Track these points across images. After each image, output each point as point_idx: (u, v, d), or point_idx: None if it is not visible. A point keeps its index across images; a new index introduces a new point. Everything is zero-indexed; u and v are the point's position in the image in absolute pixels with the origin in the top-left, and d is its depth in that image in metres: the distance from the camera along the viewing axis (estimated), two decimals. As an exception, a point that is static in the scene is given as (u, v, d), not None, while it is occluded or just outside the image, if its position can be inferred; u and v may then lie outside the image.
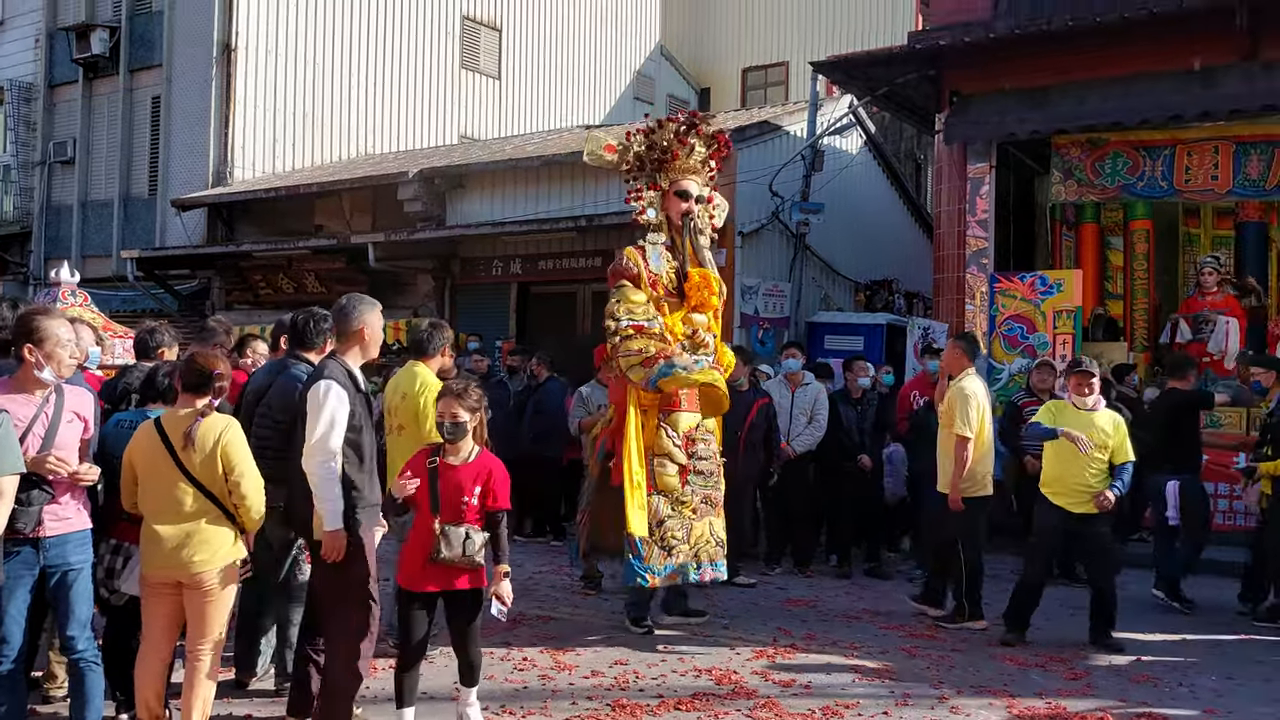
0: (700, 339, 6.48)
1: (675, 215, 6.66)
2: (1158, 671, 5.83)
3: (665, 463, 6.28)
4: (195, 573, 4.00)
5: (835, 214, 12.66)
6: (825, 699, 5.18)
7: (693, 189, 6.66)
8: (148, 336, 5.18)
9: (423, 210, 13.74)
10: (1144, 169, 10.52)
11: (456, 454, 4.40)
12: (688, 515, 6.27)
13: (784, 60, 22.54)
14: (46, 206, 18.33)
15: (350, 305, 4.43)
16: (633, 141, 6.66)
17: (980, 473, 6.81)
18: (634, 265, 6.47)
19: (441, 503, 4.29)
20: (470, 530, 4.28)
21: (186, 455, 3.98)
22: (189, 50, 16.42)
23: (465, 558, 4.26)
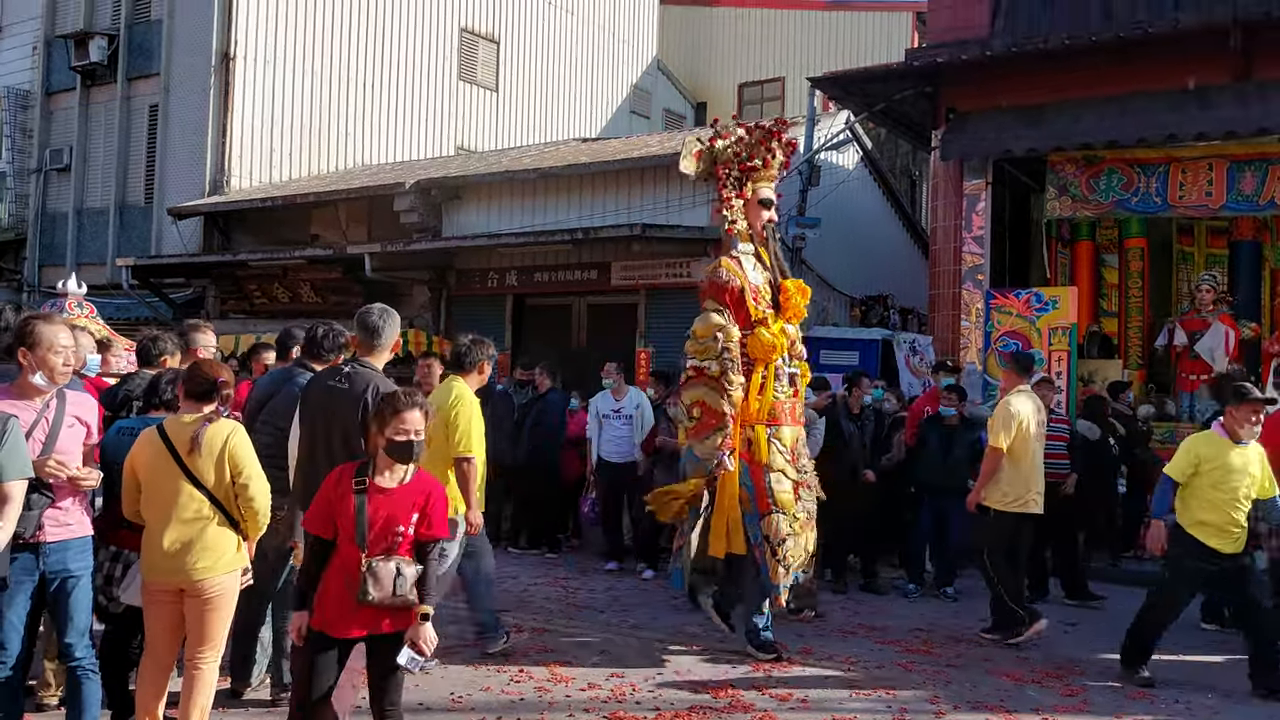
0: (798, 351, 6.36)
1: (758, 224, 6.45)
2: (1154, 688, 5.83)
3: (781, 478, 6.09)
4: (197, 579, 3.98)
5: (831, 229, 12.70)
6: (822, 713, 5.17)
7: (773, 196, 6.53)
8: (150, 344, 5.17)
9: (419, 221, 13.75)
10: (1138, 185, 10.59)
11: (391, 474, 3.71)
12: (797, 530, 6.12)
13: (780, 75, 22.64)
14: (42, 214, 18.29)
15: (385, 321, 4.64)
16: (717, 148, 6.43)
17: (1021, 489, 6.78)
18: (736, 278, 6.20)
19: (371, 534, 3.63)
20: (401, 564, 3.64)
21: (192, 460, 3.97)
22: (187, 59, 16.43)
23: (397, 597, 3.63)
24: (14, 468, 3.59)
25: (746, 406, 6.09)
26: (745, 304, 6.18)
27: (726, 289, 6.19)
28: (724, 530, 6.06)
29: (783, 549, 6.02)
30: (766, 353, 6.14)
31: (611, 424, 9.19)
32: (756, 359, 6.16)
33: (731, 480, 6.05)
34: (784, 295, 6.32)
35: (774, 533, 6.01)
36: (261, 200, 15.15)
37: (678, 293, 12.18)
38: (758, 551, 6.04)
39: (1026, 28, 10.89)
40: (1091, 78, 10.41)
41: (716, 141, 6.43)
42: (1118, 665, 6.21)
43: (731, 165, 6.42)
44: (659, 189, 12.39)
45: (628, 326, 12.46)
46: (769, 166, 6.45)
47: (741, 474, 6.07)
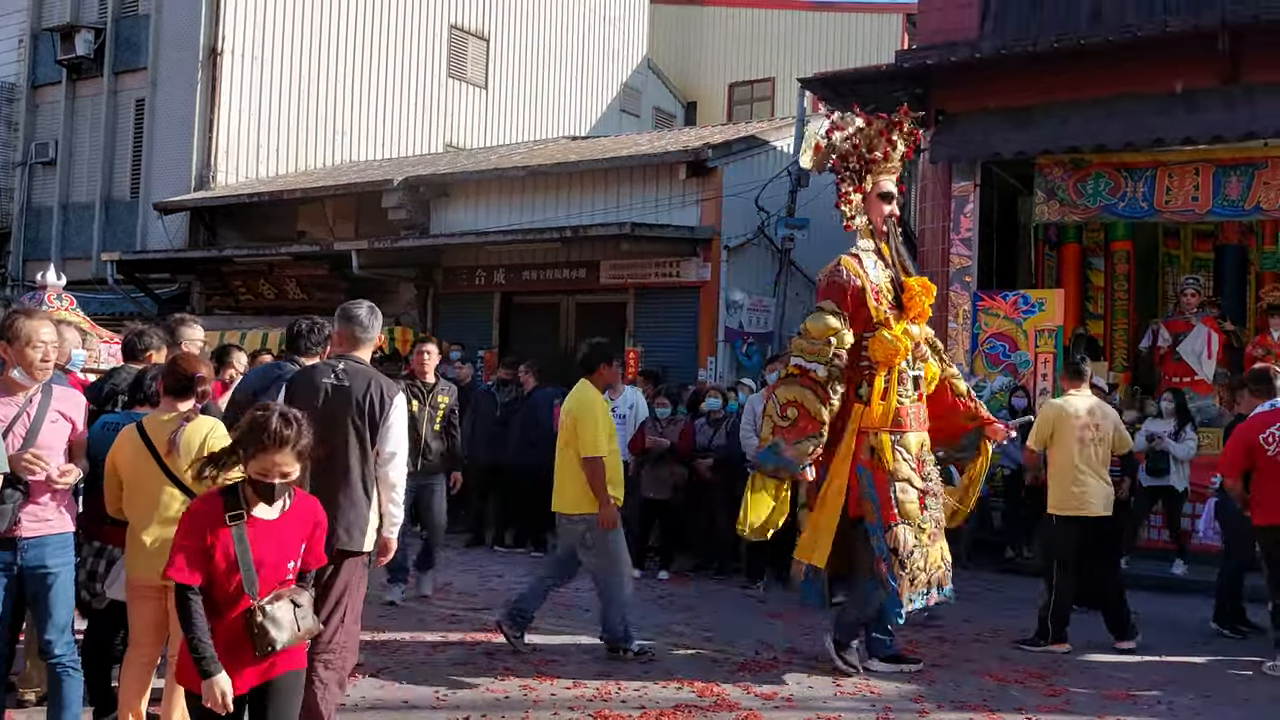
0: (922, 353, 6.06)
1: (879, 219, 6.16)
2: (1136, 689, 5.85)
3: (907, 488, 5.79)
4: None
5: (820, 230, 12.71)
6: (807, 712, 5.18)
7: (894, 189, 6.24)
8: (136, 339, 5.11)
9: (407, 218, 13.72)
10: (1125, 189, 10.62)
11: (270, 504, 3.18)
12: (924, 541, 5.82)
13: (771, 76, 22.66)
14: (27, 207, 18.17)
15: (372, 315, 4.58)
16: (835, 140, 6.16)
17: (1059, 493, 6.75)
18: (856, 277, 5.90)
19: (260, 574, 3.10)
20: (294, 598, 3.16)
21: (171, 459, 3.93)
22: (174, 54, 16.35)
23: (303, 632, 3.19)
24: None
25: (869, 413, 5.81)
26: (866, 304, 5.87)
27: (847, 290, 5.87)
28: (814, 542, 5.85)
29: (910, 562, 5.72)
30: (890, 356, 5.81)
31: None
32: (879, 362, 5.84)
33: (835, 494, 5.79)
34: (907, 294, 6.00)
35: (900, 546, 5.70)
36: (248, 196, 15.09)
37: (666, 292, 12.19)
38: (883, 566, 5.73)
39: (1015, 30, 10.92)
40: (1080, 81, 10.44)
41: (834, 133, 6.15)
42: (1098, 665, 6.24)
43: (850, 158, 6.13)
44: (648, 188, 12.38)
45: (616, 325, 12.45)
46: (889, 159, 6.15)
47: (866, 484, 5.79)
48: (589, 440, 5.83)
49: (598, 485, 5.82)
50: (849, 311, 5.89)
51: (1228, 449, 6.60)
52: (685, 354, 11.91)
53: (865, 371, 5.89)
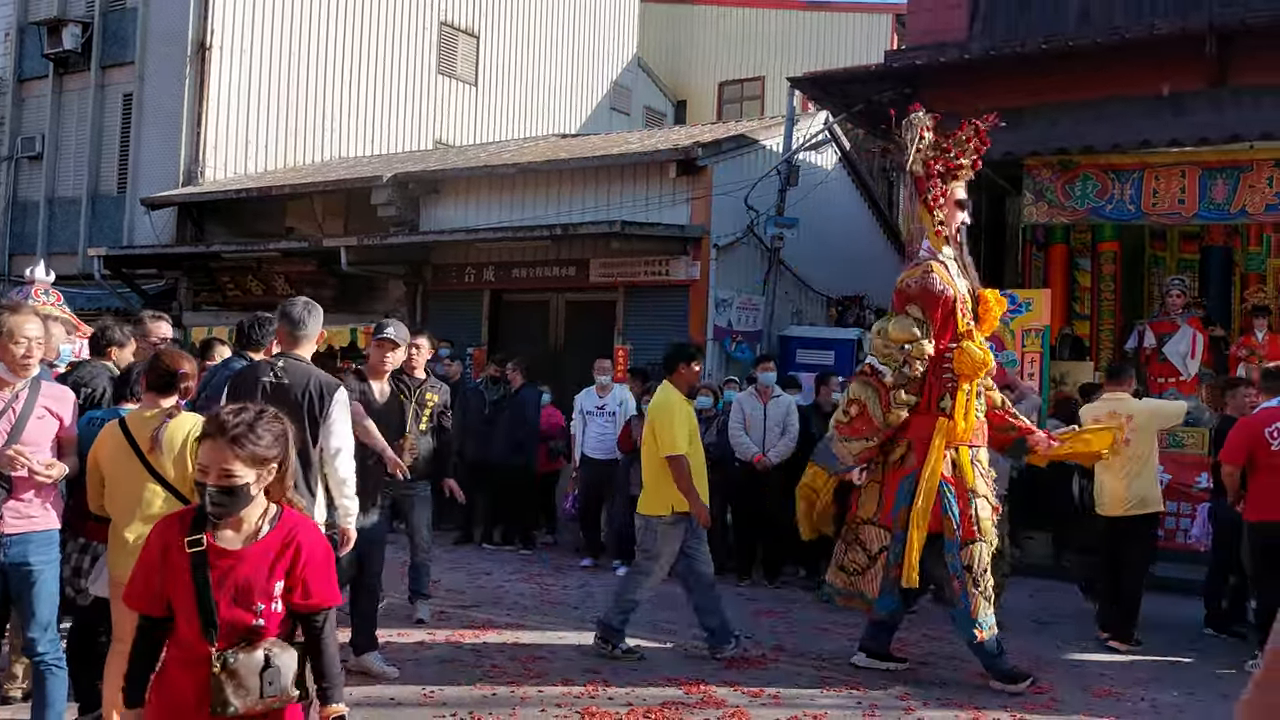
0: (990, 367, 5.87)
1: (954, 227, 5.99)
2: (1121, 686, 5.89)
3: (985, 504, 5.69)
4: None
5: (809, 229, 12.74)
6: (793, 709, 5.20)
7: (966, 196, 6.09)
8: (100, 334, 5.06)
9: (396, 215, 13.68)
10: (1113, 192, 10.68)
11: (237, 529, 2.60)
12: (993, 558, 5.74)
13: (761, 75, 22.69)
14: (13, 202, 18.04)
15: (309, 312, 4.66)
16: (923, 143, 5.97)
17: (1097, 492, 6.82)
18: (948, 286, 5.73)
19: (220, 615, 2.54)
20: (271, 653, 2.55)
21: (154, 456, 3.91)
22: (163, 48, 16.25)
23: (268, 699, 2.55)
24: None
25: (953, 427, 5.65)
26: (955, 316, 5.71)
27: (940, 299, 5.69)
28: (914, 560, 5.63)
29: (984, 580, 5.60)
30: (975, 369, 5.66)
31: (596, 421, 9.21)
32: (963, 375, 5.67)
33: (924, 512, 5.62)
34: (983, 306, 5.87)
35: (975, 563, 5.59)
36: (236, 192, 15.02)
37: (656, 290, 12.19)
38: (956, 583, 5.59)
39: (1004, 31, 10.97)
40: (1068, 82, 10.49)
41: (925, 134, 5.99)
42: (1085, 664, 6.28)
43: (937, 161, 5.95)
44: (638, 186, 12.38)
45: (606, 324, 12.45)
46: (978, 167, 6.05)
47: (948, 499, 5.63)
48: (667, 440, 5.85)
49: (684, 484, 5.81)
50: (938, 322, 5.74)
51: (1231, 438, 6.54)
52: (674, 352, 11.91)
53: (949, 384, 5.72)
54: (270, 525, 2.64)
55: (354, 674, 5.37)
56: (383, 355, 5.30)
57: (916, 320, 5.76)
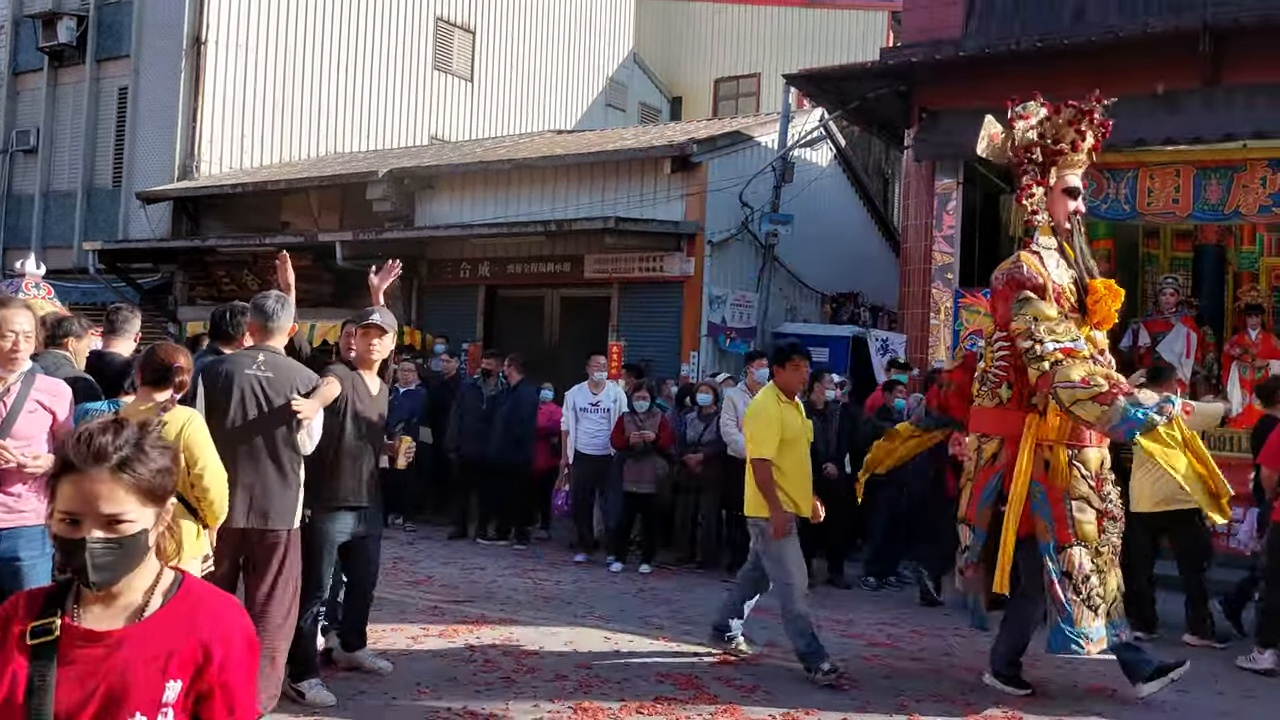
0: (1108, 361, 5.62)
1: (1063, 217, 5.75)
2: (1113, 683, 5.92)
3: (1084, 507, 5.37)
4: None
5: (804, 226, 12.77)
6: (785, 706, 5.21)
7: (1080, 184, 5.86)
8: (56, 324, 4.93)
9: (391, 210, 13.68)
10: (1108, 191, 10.71)
11: (110, 603, 1.77)
12: (1102, 566, 5.40)
13: (756, 71, 22.69)
14: (7, 195, 18.01)
15: (281, 305, 4.75)
16: (1017, 130, 5.76)
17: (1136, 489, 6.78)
18: (1037, 274, 5.49)
19: None
20: None
21: None
22: (158, 42, 16.22)
23: None
24: None
25: (1043, 423, 5.39)
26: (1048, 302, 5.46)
27: (1026, 287, 5.47)
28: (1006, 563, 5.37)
29: (1087, 587, 5.30)
30: None
31: (589, 417, 9.22)
32: None
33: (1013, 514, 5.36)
34: (1092, 297, 5.56)
35: (1075, 569, 5.30)
36: (232, 186, 15.01)
37: (650, 286, 12.21)
38: (1057, 589, 5.29)
39: (999, 29, 10.98)
40: (1063, 80, 10.47)
41: (1016, 123, 5.76)
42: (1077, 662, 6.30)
43: (1034, 149, 5.74)
44: (633, 182, 12.40)
45: (600, 319, 12.46)
46: (1078, 150, 5.77)
47: (1038, 499, 5.38)
48: (753, 441, 5.77)
49: (766, 489, 5.68)
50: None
51: (1272, 440, 6.50)
52: (668, 349, 11.94)
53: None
54: (163, 599, 1.80)
55: (345, 670, 5.38)
56: (369, 343, 5.02)
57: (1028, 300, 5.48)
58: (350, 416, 4.93)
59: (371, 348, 5.03)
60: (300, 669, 4.79)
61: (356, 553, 5.15)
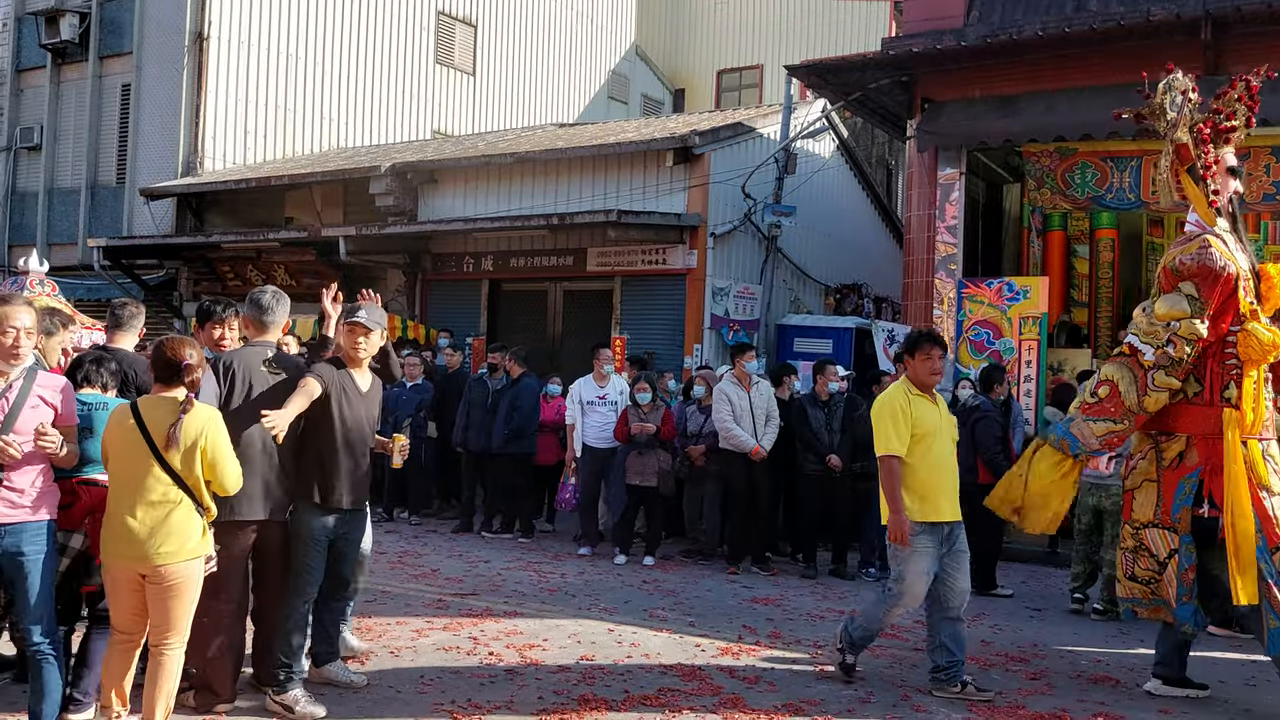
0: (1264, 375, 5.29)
1: (1226, 197, 5.45)
2: (1117, 673, 5.93)
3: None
4: (160, 565, 3.90)
5: (807, 217, 12.76)
6: (788, 696, 5.22)
7: (1238, 163, 5.56)
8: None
9: (395, 205, 13.69)
10: (1112, 181, 10.70)
11: None
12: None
13: (758, 63, 22.66)
14: (12, 193, 18.05)
15: (277, 301, 4.85)
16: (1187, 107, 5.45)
17: None
18: (1231, 264, 5.18)
19: None
20: None
21: (169, 451, 3.91)
22: (160, 38, 16.24)
23: None
24: None
25: (1241, 418, 5.10)
26: (1237, 294, 5.19)
27: (1220, 277, 5.16)
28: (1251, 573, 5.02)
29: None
30: (1265, 353, 5.12)
31: (597, 410, 9.24)
32: (1250, 360, 5.14)
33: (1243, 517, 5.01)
34: (1266, 283, 5.29)
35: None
36: (235, 182, 15.03)
37: (653, 279, 12.22)
38: (1274, 591, 4.97)
39: (1001, 19, 10.96)
40: (1065, 69, 10.49)
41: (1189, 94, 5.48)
42: (1079, 651, 6.32)
43: (1204, 126, 5.42)
44: (635, 175, 12.39)
45: (603, 312, 12.48)
46: (1251, 125, 5.50)
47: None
48: (878, 437, 5.34)
49: (886, 488, 5.27)
50: (1216, 301, 5.22)
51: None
52: (672, 341, 11.95)
53: (1233, 372, 5.20)
54: None
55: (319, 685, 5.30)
56: (354, 340, 4.90)
57: (1189, 297, 5.22)
58: (337, 415, 4.80)
59: (357, 345, 4.90)
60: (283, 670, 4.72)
61: (342, 558, 4.96)
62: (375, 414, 5.04)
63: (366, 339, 4.92)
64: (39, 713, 3.88)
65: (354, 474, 4.87)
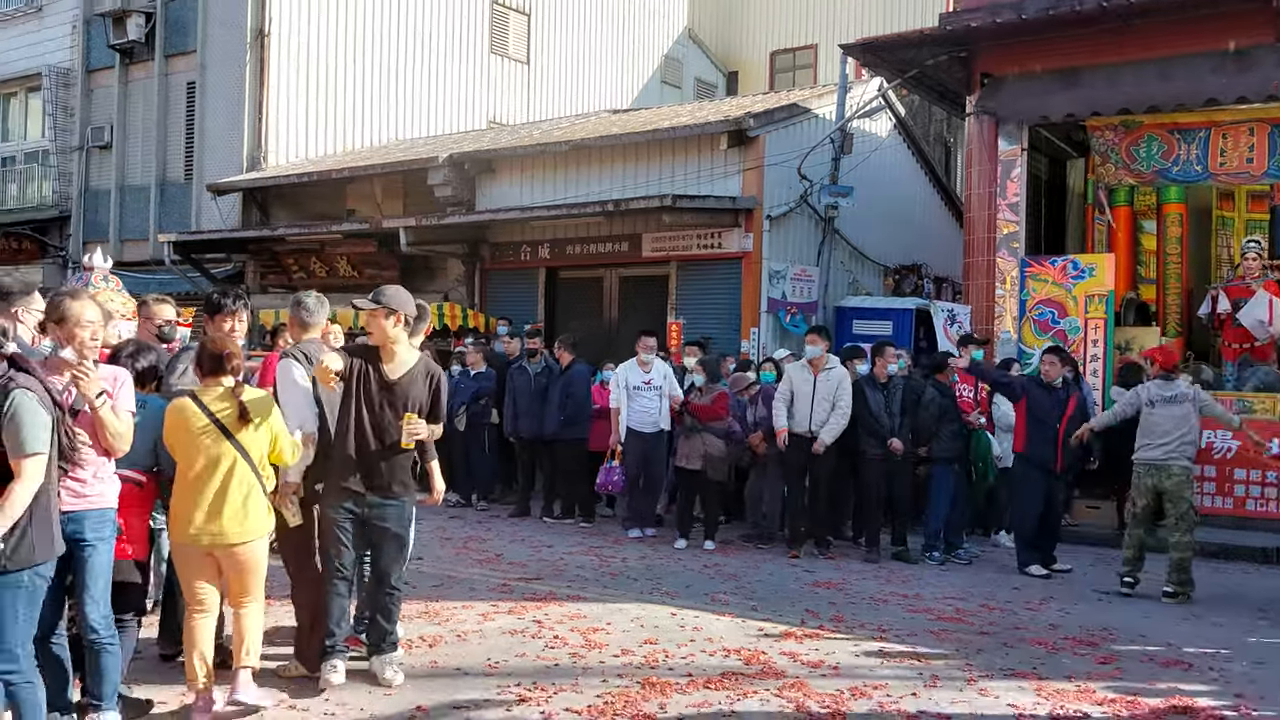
0: None
1: None
2: (1188, 657, 5.83)
3: None
4: (236, 543, 4.29)
5: (864, 198, 12.63)
6: (853, 680, 5.22)
7: None
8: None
9: (453, 195, 13.84)
10: (1179, 153, 10.44)
11: None
12: None
13: (813, 43, 22.40)
14: (85, 191, 18.60)
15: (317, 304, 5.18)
16: None
17: None
18: None
19: None
20: None
21: (240, 430, 4.29)
22: (223, 36, 16.58)
23: None
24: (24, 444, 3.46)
25: None
26: None
27: None
28: None
29: None
30: None
31: (642, 395, 9.29)
32: None
33: None
34: None
35: None
36: (298, 176, 15.31)
37: (709, 263, 12.20)
38: None
39: (1062, -10, 10.70)
40: (1129, 40, 10.23)
41: None
42: (1151, 634, 6.22)
43: None
44: (690, 159, 12.37)
45: (659, 298, 12.50)
46: None
47: None
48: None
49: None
50: None
51: None
52: (728, 325, 11.93)
53: None
54: None
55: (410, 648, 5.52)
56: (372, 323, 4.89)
57: None
58: (352, 401, 4.83)
59: (369, 327, 4.91)
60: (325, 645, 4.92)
61: (373, 544, 5.02)
62: (405, 402, 4.88)
63: (383, 321, 4.83)
64: (100, 694, 4.03)
65: (368, 460, 4.83)
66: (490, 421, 10.74)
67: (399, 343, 4.92)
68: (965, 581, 7.79)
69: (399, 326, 4.88)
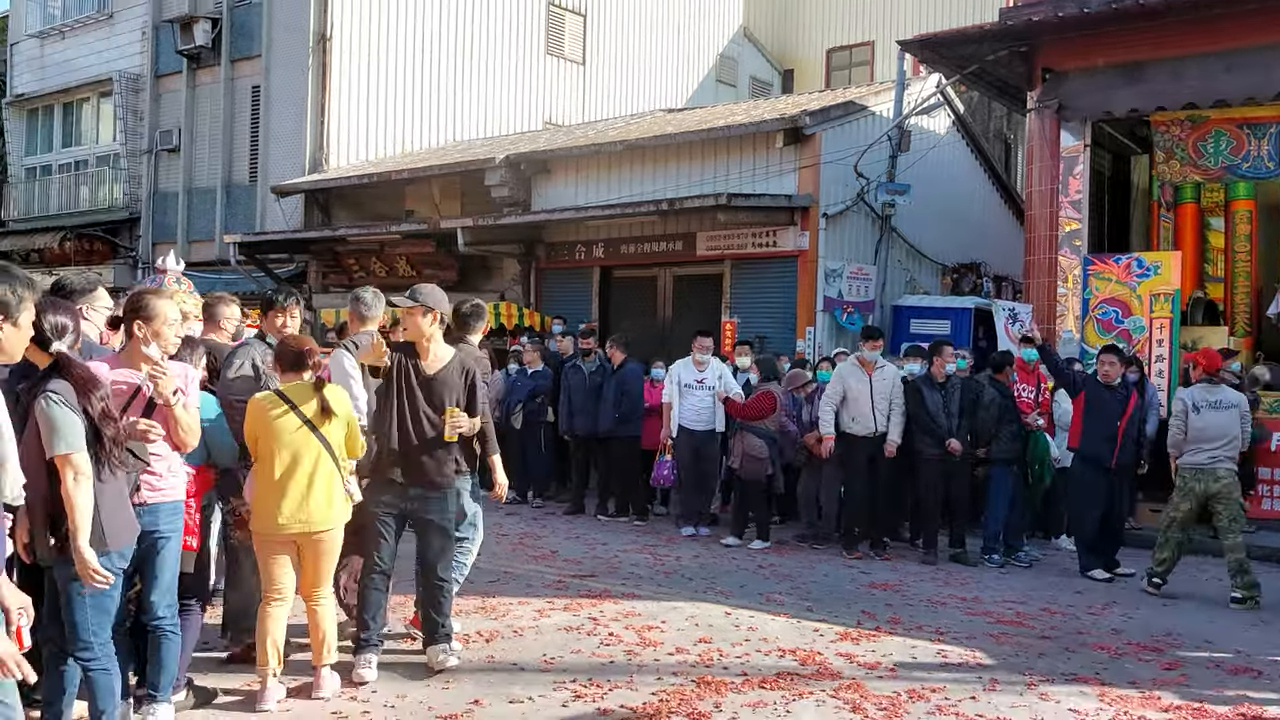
0: None
1: None
2: (1257, 664, 5.70)
3: None
4: (322, 530, 4.55)
5: (922, 195, 12.48)
6: (910, 682, 5.18)
7: None
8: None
9: (509, 195, 13.97)
10: (1248, 149, 10.18)
11: None
12: None
13: (869, 40, 22.19)
14: (154, 193, 19.11)
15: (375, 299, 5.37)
16: None
17: None
18: None
19: None
20: None
21: (323, 422, 4.53)
22: (287, 41, 16.94)
23: None
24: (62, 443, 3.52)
25: None
26: None
27: None
28: None
29: None
30: None
31: (694, 393, 9.30)
32: None
33: None
34: None
35: None
36: (359, 177, 15.58)
37: (764, 262, 12.16)
38: None
39: (1127, -17, 10.49)
40: (1195, 33, 9.99)
41: None
42: (1218, 639, 6.08)
43: None
44: (745, 157, 12.34)
45: (713, 297, 12.49)
46: None
47: None
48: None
49: None
50: None
51: None
52: (783, 324, 11.88)
53: None
54: None
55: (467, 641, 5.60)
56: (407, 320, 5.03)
57: None
58: (394, 395, 4.97)
59: (406, 324, 5.05)
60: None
61: (418, 536, 5.14)
62: (444, 396, 4.99)
63: (419, 319, 4.97)
64: (157, 684, 4.14)
65: (408, 453, 4.95)
66: (546, 419, 10.84)
67: (435, 339, 5.09)
68: (1025, 585, 7.68)
69: (435, 324, 5.04)
